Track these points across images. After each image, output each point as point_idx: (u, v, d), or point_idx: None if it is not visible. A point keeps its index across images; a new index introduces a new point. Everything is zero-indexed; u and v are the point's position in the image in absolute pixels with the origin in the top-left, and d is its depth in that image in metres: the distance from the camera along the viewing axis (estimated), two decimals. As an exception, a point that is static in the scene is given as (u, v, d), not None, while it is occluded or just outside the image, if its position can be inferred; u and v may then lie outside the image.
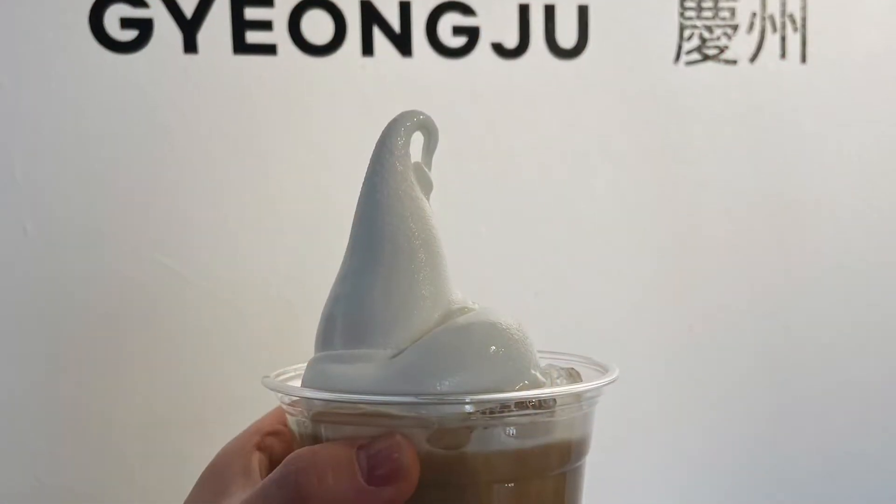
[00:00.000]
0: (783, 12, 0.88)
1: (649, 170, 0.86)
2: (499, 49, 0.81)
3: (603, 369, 0.45)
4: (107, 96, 0.73)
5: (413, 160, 0.45)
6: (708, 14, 0.86)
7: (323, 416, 0.40)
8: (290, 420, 0.43)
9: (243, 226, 0.77)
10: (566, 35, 0.82)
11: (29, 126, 0.72)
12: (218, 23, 0.75)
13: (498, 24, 0.81)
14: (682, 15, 0.86)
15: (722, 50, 0.87)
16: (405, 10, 0.79)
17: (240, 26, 0.75)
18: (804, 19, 0.89)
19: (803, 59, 0.89)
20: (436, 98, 0.79)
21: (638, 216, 0.86)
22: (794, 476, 0.93)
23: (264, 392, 0.43)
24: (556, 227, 0.84)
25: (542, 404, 0.39)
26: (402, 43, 0.79)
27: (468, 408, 0.38)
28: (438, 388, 0.38)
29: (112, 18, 0.73)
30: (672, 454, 0.89)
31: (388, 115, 0.45)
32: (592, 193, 0.85)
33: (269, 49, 0.76)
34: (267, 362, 0.48)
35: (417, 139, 0.45)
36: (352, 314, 0.42)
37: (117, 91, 0.74)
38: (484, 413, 0.38)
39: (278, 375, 0.45)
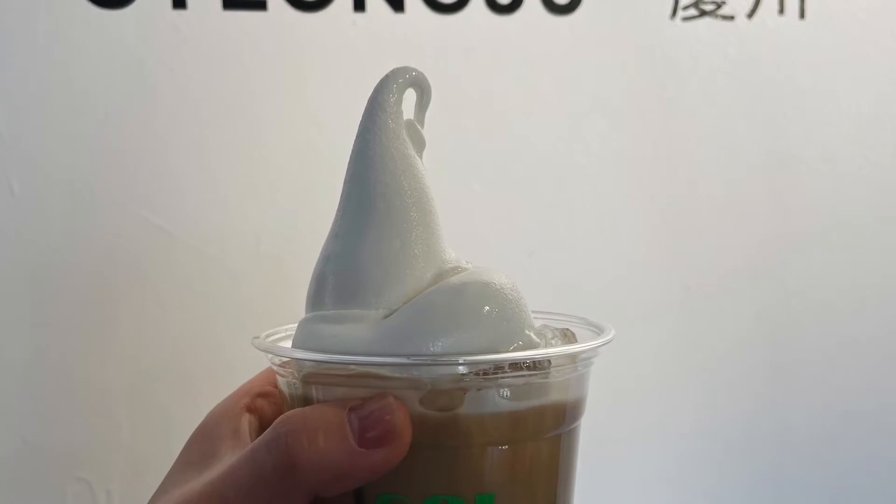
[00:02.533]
0: (782, -33, 0.87)
1: (645, 127, 0.86)
2: (492, 4, 0.80)
3: (598, 330, 0.44)
4: (94, 52, 0.72)
5: (405, 117, 0.44)
6: (706, -32, 0.85)
7: (314, 377, 0.40)
8: (281, 381, 0.43)
9: (233, 183, 0.76)
10: (561, -10, 0.81)
11: (15, 82, 0.71)
12: (206, -23, 0.74)
13: (492, -22, 0.80)
14: (679, -31, 0.85)
15: (719, 5, 0.86)
16: (397, -35, 0.78)
17: (229, -19, 0.74)
18: (803, -26, 0.88)
19: (802, 14, 0.88)
20: (428, 54, 0.78)
21: (633, 173, 0.86)
22: (793, 436, 0.93)
23: (254, 352, 0.42)
24: (551, 185, 0.84)
25: (536, 365, 0.39)
26: (395, -2, 0.78)
27: (461, 369, 0.38)
28: (431, 348, 0.38)
29: (98, -28, 0.72)
30: (669, 415, 0.89)
31: (379, 71, 0.44)
32: (587, 151, 0.84)
33: (259, 4, 0.75)
34: (257, 322, 0.48)
35: (410, 96, 0.45)
36: (343, 273, 0.42)
37: (105, 47, 0.73)
38: (477, 374, 0.38)
39: (268, 336, 0.45)
